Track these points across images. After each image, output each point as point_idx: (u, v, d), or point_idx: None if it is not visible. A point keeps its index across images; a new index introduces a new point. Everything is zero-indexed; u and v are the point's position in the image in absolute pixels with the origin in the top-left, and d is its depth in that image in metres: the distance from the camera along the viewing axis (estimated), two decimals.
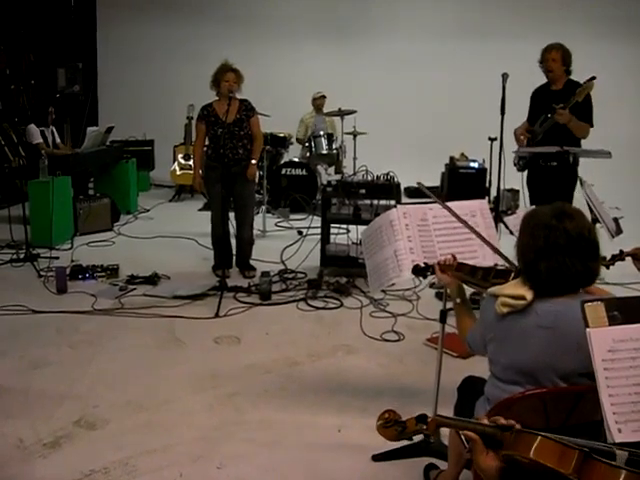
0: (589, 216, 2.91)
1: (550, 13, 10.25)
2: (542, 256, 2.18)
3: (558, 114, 5.05)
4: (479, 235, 3.07)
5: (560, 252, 2.15)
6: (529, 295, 2.23)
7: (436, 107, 10.32)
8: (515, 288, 2.28)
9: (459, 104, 10.19)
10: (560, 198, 3.87)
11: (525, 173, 5.54)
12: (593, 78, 5.03)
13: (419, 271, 2.93)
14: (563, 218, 2.17)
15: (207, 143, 6.03)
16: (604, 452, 1.26)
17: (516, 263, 2.40)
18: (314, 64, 10.70)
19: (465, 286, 2.83)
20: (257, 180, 6.42)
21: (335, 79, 10.10)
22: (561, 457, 1.21)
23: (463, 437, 1.47)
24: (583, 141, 5.32)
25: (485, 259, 3.04)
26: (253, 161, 5.96)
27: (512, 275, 2.61)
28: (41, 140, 7.87)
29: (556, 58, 5.24)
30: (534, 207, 2.34)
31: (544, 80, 5.41)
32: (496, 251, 3.03)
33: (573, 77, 5.32)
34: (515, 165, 5.61)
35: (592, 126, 5.22)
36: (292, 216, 8.55)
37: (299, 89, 9.69)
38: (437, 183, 9.52)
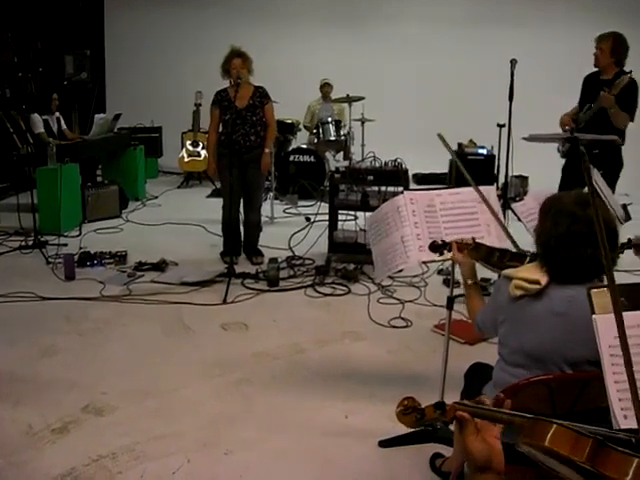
0: None
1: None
2: (564, 244, 2.17)
3: (604, 96, 4.91)
4: (498, 219, 3.06)
5: (582, 241, 2.13)
6: (544, 280, 2.22)
7: (444, 93, 10.25)
8: (530, 272, 2.28)
9: (467, 90, 10.12)
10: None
11: (533, 161, 5.48)
12: (629, 72, 4.94)
13: (436, 248, 2.93)
14: (587, 206, 2.12)
15: (220, 130, 5.97)
16: (623, 440, 1.25)
17: (528, 249, 2.39)
18: (322, 50, 10.63)
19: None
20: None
21: (343, 66, 10.05)
22: (575, 445, 1.20)
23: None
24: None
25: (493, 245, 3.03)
26: (267, 150, 5.94)
27: (527, 259, 2.62)
28: (43, 130, 7.87)
29: (604, 49, 5.11)
30: (556, 192, 2.31)
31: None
32: (510, 239, 3.03)
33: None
34: (559, 152, 5.49)
35: (632, 120, 5.07)
36: (300, 203, 8.55)
37: (307, 76, 9.65)
38: (445, 169, 9.50)
